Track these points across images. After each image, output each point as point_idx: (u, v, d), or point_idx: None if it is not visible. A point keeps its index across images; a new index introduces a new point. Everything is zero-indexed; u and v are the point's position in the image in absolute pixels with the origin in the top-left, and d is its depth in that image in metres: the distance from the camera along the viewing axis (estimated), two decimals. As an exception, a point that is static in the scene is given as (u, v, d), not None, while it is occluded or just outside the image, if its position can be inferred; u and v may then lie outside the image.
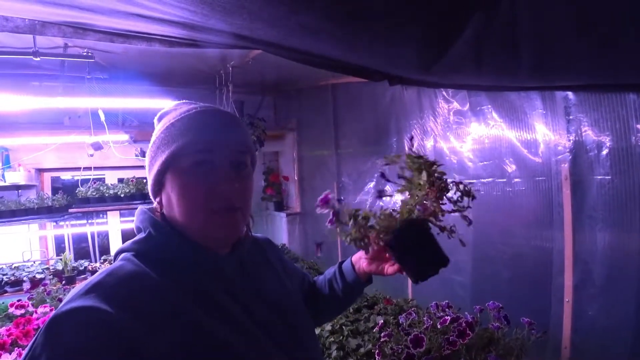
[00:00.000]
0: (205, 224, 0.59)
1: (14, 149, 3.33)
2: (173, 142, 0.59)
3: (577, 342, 1.33)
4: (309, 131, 3.61)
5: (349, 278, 0.82)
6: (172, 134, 0.60)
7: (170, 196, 0.60)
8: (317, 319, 0.89)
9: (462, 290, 1.85)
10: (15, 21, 1.15)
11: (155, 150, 0.62)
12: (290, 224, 3.81)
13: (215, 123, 0.62)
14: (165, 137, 0.61)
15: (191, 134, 0.59)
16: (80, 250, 4.03)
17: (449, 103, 1.89)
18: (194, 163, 0.59)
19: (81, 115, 2.92)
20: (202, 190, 0.58)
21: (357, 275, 0.81)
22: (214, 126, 0.61)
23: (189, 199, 0.59)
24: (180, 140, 0.59)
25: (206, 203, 0.58)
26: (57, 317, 0.47)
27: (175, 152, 0.59)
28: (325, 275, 0.89)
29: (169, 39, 1.28)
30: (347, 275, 0.82)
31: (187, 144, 0.59)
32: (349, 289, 0.82)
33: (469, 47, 0.79)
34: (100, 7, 0.99)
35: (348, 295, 0.84)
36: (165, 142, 0.60)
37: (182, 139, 0.59)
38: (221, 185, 0.59)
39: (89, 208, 3.24)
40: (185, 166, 0.59)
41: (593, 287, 1.29)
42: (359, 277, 0.81)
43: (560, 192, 1.38)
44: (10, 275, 2.77)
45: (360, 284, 0.81)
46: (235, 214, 0.60)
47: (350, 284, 0.82)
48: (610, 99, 1.18)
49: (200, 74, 2.98)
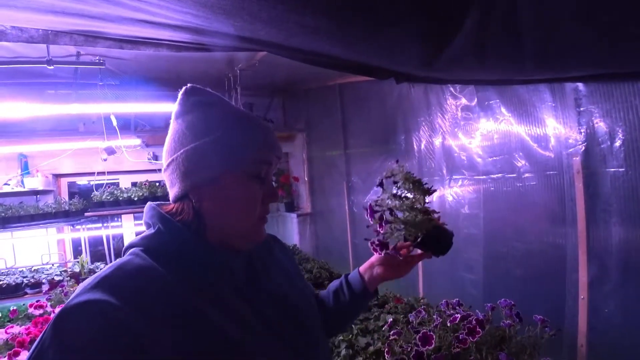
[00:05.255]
0: (252, 229, 0.63)
1: (32, 155, 3.44)
2: (237, 148, 0.60)
3: (593, 340, 1.30)
4: (318, 132, 3.62)
5: (356, 289, 0.81)
6: (230, 142, 0.60)
7: (218, 198, 0.60)
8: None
9: (474, 289, 1.82)
10: (30, 32, 1.19)
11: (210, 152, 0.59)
12: (301, 225, 3.83)
13: (270, 137, 0.64)
14: (223, 143, 0.60)
15: (254, 147, 0.61)
16: (97, 252, 4.13)
17: (457, 99, 1.87)
18: (257, 174, 0.62)
19: (95, 121, 3.00)
20: (257, 200, 0.62)
21: (365, 286, 0.80)
22: (271, 141, 0.64)
23: (244, 207, 0.61)
24: (243, 152, 0.60)
25: (260, 212, 0.63)
26: (65, 310, 0.48)
27: (238, 163, 0.60)
28: (329, 288, 0.88)
29: (176, 43, 1.30)
30: (355, 286, 0.82)
31: (251, 158, 0.61)
32: (356, 300, 0.82)
33: (471, 39, 0.78)
34: (109, 15, 1.01)
35: (354, 307, 0.83)
36: (222, 149, 0.59)
37: (248, 149, 0.61)
38: (272, 196, 0.64)
39: (104, 212, 3.31)
40: (244, 176, 0.61)
41: (609, 283, 1.25)
42: (367, 288, 0.80)
43: (573, 186, 1.34)
44: (30, 278, 2.86)
45: (368, 294, 0.81)
46: (265, 220, 0.65)
47: (358, 295, 0.81)
48: (622, 89, 1.14)
49: (209, 78, 3.02)
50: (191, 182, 0.60)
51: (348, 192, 3.03)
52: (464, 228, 1.86)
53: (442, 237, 0.72)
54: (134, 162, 3.50)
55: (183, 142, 0.61)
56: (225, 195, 0.60)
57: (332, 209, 3.36)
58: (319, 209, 3.68)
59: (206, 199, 0.61)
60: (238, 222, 0.61)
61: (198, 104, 0.63)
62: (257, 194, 0.62)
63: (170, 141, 0.63)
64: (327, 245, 3.54)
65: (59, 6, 0.91)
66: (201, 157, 0.59)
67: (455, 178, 1.93)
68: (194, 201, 0.61)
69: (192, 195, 0.61)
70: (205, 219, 0.61)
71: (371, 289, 0.81)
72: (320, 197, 3.64)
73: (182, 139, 0.61)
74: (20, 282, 2.79)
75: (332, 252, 3.36)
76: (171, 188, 0.63)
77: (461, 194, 1.90)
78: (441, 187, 2.04)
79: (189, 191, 0.61)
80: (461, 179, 1.89)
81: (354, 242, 3.01)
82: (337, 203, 3.23)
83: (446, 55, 0.90)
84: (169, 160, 0.62)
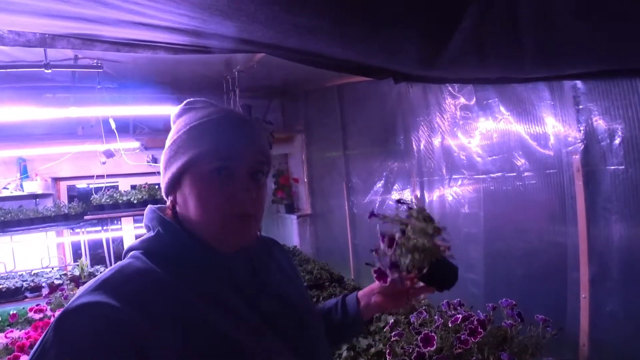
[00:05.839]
0: (220, 229, 0.60)
1: (31, 159, 3.43)
2: (195, 146, 0.60)
3: (596, 338, 1.29)
4: (317, 132, 3.62)
5: (350, 312, 0.79)
6: (194, 137, 0.61)
7: (186, 197, 0.61)
8: None
9: (475, 288, 1.82)
10: (27, 35, 1.19)
11: (176, 150, 0.62)
12: (301, 226, 3.82)
13: (238, 131, 0.62)
14: (187, 139, 0.61)
15: (214, 140, 0.60)
16: (96, 256, 4.12)
17: (456, 98, 1.87)
18: (215, 169, 0.60)
19: (94, 124, 2.99)
20: (220, 196, 0.59)
21: (359, 311, 0.79)
22: (237, 134, 0.62)
23: (207, 204, 0.60)
24: (203, 145, 0.60)
25: (223, 209, 0.60)
26: (66, 313, 0.48)
27: (196, 156, 0.59)
28: (324, 304, 0.87)
29: (173, 46, 1.30)
30: (350, 309, 0.80)
31: (209, 150, 0.59)
32: (347, 323, 0.80)
33: (470, 38, 0.77)
34: (106, 18, 1.01)
35: (345, 330, 0.81)
36: (186, 144, 0.61)
37: (204, 144, 0.60)
38: (239, 193, 0.60)
39: (103, 215, 3.31)
40: (205, 171, 0.60)
41: (610, 282, 1.25)
42: (361, 314, 0.79)
43: (573, 185, 1.34)
44: (30, 282, 2.85)
45: (360, 321, 0.79)
46: (249, 220, 0.62)
47: (350, 318, 0.79)
48: (620, 86, 1.14)
49: (207, 80, 3.02)
50: (165, 183, 0.64)
51: (348, 193, 3.03)
52: (464, 227, 1.86)
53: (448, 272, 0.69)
54: (133, 165, 3.49)
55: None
56: (191, 192, 0.60)
57: (332, 210, 3.36)
58: (319, 210, 3.67)
59: (180, 198, 0.63)
60: (202, 220, 0.60)
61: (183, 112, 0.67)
62: (222, 189, 0.59)
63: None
64: (328, 246, 3.54)
65: (55, 9, 0.91)
66: (169, 157, 0.63)
67: (455, 177, 1.92)
68: (175, 202, 0.64)
69: (171, 196, 0.64)
70: (185, 220, 0.62)
71: (365, 316, 0.79)
72: (320, 198, 3.64)
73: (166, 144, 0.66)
74: (20, 286, 2.78)
75: (333, 253, 3.35)
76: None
77: (461, 194, 1.90)
78: (441, 186, 2.04)
79: (167, 193, 0.65)
80: (461, 178, 1.89)
81: (354, 243, 3.00)
82: (337, 204, 3.23)
83: (445, 54, 0.90)
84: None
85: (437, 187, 2.06)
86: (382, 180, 2.58)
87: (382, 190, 2.58)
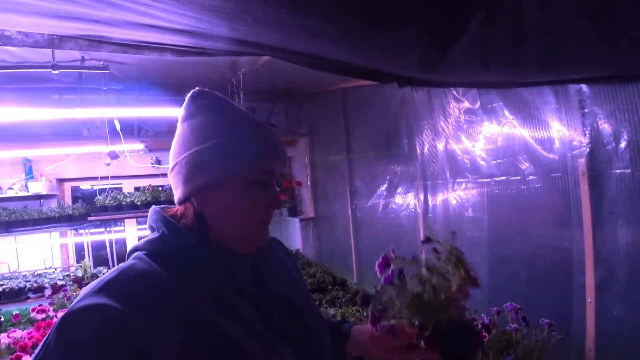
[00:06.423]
0: (251, 236, 0.63)
1: (36, 160, 3.46)
2: (235, 159, 0.59)
3: (602, 343, 1.28)
4: (321, 136, 3.62)
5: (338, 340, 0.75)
6: (234, 148, 0.59)
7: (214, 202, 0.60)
8: None
9: (479, 292, 1.80)
10: (35, 36, 1.21)
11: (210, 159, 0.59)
12: (304, 229, 3.82)
13: (276, 144, 0.64)
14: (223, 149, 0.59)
15: (254, 154, 0.60)
16: (99, 257, 4.13)
17: (460, 102, 1.87)
18: (253, 182, 0.61)
19: (99, 125, 3.02)
20: (256, 206, 0.61)
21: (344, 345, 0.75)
22: (272, 146, 0.63)
23: (242, 213, 0.61)
24: (244, 159, 0.60)
25: (257, 218, 0.62)
26: (69, 315, 0.48)
27: (237, 171, 0.60)
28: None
29: (179, 48, 1.31)
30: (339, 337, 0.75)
31: (251, 165, 0.60)
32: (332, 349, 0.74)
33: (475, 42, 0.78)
34: (114, 20, 1.02)
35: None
36: (224, 155, 0.59)
37: (245, 159, 0.60)
38: (273, 204, 0.63)
39: (107, 216, 3.32)
40: (244, 183, 0.60)
41: (617, 286, 1.24)
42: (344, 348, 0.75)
43: (578, 188, 1.33)
44: (33, 282, 2.86)
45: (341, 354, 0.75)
46: (267, 224, 0.65)
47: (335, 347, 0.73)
48: (626, 90, 1.14)
49: (211, 83, 3.04)
50: (193, 186, 0.60)
51: (351, 197, 3.02)
52: (468, 231, 1.85)
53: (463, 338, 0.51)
54: (137, 167, 3.51)
55: (187, 146, 0.61)
56: (225, 200, 0.60)
57: (335, 214, 3.35)
58: (322, 213, 3.67)
59: (208, 203, 0.61)
60: (238, 228, 0.61)
61: (204, 108, 0.64)
62: (258, 200, 0.61)
63: (175, 144, 0.64)
64: (330, 249, 3.53)
65: (64, 10, 0.92)
66: (203, 161, 0.60)
67: (459, 181, 1.92)
68: (196, 204, 0.61)
69: (195, 198, 0.61)
70: (207, 223, 0.61)
71: (350, 351, 0.75)
72: (323, 201, 3.64)
73: (187, 142, 0.62)
74: (23, 287, 2.79)
75: (335, 257, 3.34)
76: (175, 191, 0.64)
77: (465, 197, 1.89)
78: (445, 190, 2.03)
79: (191, 194, 0.61)
80: (465, 182, 1.88)
81: (357, 247, 2.99)
82: (340, 207, 3.22)
83: (450, 58, 0.90)
84: (174, 163, 0.63)
85: (441, 191, 2.06)
86: (386, 184, 2.58)
87: (386, 193, 2.58)
